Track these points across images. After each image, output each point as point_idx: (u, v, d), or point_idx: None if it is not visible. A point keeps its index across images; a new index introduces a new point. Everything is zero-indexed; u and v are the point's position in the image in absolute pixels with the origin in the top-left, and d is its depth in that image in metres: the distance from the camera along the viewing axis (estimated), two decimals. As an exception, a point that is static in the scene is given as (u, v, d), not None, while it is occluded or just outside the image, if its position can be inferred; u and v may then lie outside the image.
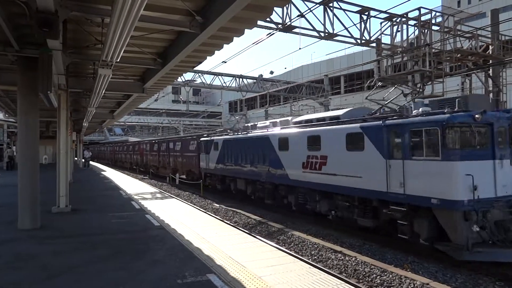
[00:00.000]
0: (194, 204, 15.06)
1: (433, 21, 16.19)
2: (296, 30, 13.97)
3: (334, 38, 14.62)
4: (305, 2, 13.90)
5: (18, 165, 9.14)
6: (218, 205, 15.87)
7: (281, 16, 13.60)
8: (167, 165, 28.28)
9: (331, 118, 12.01)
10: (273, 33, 13.32)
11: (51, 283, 5.34)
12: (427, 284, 6.68)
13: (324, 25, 14.21)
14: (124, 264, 6.10)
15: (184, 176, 24.24)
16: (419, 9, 15.36)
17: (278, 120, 15.91)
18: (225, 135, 19.01)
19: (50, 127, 29.01)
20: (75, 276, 5.59)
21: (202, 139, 21.28)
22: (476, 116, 7.71)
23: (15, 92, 10.09)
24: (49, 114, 18.54)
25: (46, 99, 8.73)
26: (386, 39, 15.99)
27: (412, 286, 6.67)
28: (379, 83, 16.71)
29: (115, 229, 8.81)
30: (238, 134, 17.46)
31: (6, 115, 27.54)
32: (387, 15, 15.41)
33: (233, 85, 29.31)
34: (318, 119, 12.71)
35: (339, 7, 14.39)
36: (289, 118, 15.69)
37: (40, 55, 7.45)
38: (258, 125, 16.60)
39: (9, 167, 29.39)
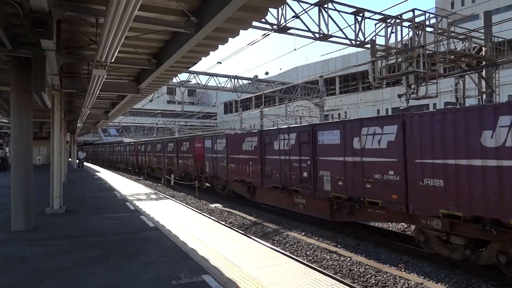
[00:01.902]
0: (189, 205, 15.02)
1: (427, 23, 16.32)
2: (291, 31, 14.00)
3: (329, 39, 14.67)
4: (300, 3, 13.95)
5: (11, 166, 9.06)
6: (213, 206, 15.86)
7: (276, 17, 13.64)
8: (307, 183, 11.86)
9: None
10: (268, 34, 13.36)
11: (43, 285, 5.29)
12: (421, 284, 6.73)
13: (319, 26, 14.27)
14: (118, 266, 6.07)
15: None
16: (413, 10, 15.48)
17: None
18: None
19: (43, 128, 28.77)
20: (67, 278, 5.55)
21: None
22: None
23: (9, 92, 10.01)
24: (42, 114, 18.41)
25: (39, 100, 8.66)
26: (380, 40, 16.09)
27: (406, 286, 6.71)
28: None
29: (110, 230, 8.76)
30: None
31: (-1, 116, 27.29)
32: (381, 16, 15.50)
33: (228, 85, 29.27)
34: None
35: (333, 8, 14.45)
36: None
37: (34, 55, 7.39)
38: None
39: (1, 168, 29.13)
